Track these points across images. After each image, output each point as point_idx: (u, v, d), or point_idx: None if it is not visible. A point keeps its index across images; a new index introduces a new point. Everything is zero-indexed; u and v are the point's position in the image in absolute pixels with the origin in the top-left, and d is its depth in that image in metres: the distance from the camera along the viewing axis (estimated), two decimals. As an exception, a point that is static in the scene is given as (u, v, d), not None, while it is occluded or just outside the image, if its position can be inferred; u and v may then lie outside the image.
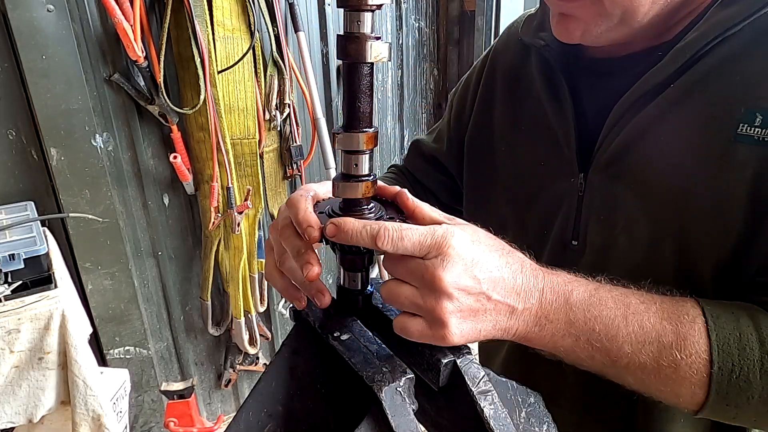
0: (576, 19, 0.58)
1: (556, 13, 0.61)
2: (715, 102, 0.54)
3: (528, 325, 0.49)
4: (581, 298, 0.49)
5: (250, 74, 1.70)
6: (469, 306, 0.46)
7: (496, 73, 0.80)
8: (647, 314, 0.49)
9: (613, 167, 0.62)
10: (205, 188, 1.75)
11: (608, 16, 0.56)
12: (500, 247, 0.49)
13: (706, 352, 0.48)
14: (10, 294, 1.19)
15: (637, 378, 0.50)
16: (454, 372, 0.47)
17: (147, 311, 1.87)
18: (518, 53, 0.77)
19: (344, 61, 0.46)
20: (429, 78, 2.59)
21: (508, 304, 0.47)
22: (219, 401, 2.25)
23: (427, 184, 0.95)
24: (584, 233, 0.66)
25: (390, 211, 0.53)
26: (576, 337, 0.49)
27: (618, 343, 0.49)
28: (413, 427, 0.42)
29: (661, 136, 0.58)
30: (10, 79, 1.44)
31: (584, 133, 0.66)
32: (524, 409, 0.49)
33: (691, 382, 0.48)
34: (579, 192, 0.66)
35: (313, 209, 0.52)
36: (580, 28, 0.58)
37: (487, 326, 0.47)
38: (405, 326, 0.47)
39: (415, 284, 0.46)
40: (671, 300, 0.51)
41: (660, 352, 0.48)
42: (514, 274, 0.48)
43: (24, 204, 1.47)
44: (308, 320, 0.54)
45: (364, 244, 0.46)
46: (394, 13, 2.30)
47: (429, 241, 0.45)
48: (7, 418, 1.18)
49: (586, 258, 0.66)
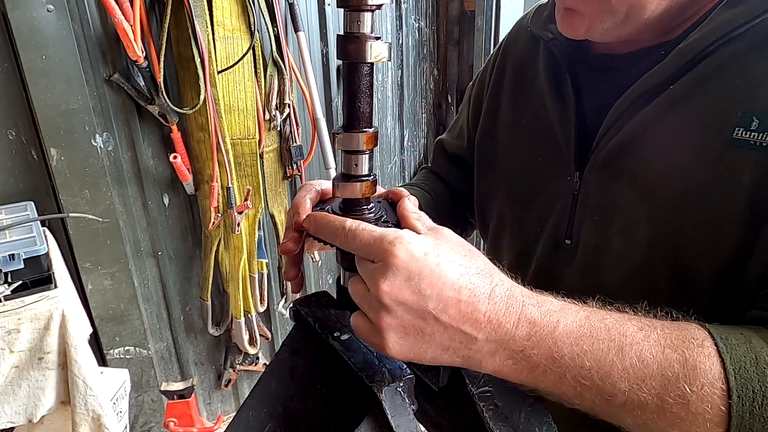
0: (581, 14, 0.58)
1: (561, 7, 0.60)
2: (715, 104, 0.53)
3: (497, 359, 0.42)
4: (568, 331, 0.42)
5: (250, 74, 1.69)
6: (411, 322, 0.41)
7: (506, 66, 0.80)
8: (647, 343, 0.42)
9: (610, 167, 0.61)
10: (205, 188, 1.75)
11: (614, 13, 0.55)
12: (469, 265, 0.43)
13: (721, 380, 0.40)
14: (10, 294, 1.19)
15: (637, 418, 0.42)
16: (454, 372, 0.47)
17: (147, 311, 1.87)
18: (527, 46, 0.76)
19: (344, 61, 0.46)
20: (429, 78, 2.59)
21: (462, 330, 0.41)
22: (219, 401, 2.25)
23: (454, 185, 0.93)
24: (578, 233, 0.65)
25: (392, 211, 0.53)
26: (560, 375, 0.42)
27: (612, 379, 0.42)
28: (413, 427, 0.42)
29: (659, 136, 0.57)
30: (10, 79, 1.44)
31: (583, 131, 0.65)
32: (524, 409, 0.49)
33: (706, 419, 0.41)
34: (574, 191, 0.65)
35: (320, 204, 0.53)
36: (585, 23, 0.58)
37: (436, 350, 0.42)
38: (354, 324, 0.45)
39: (367, 286, 0.43)
40: (673, 324, 0.45)
41: (664, 387, 0.41)
42: (474, 299, 0.41)
43: (24, 204, 1.47)
44: (308, 320, 0.54)
45: (326, 238, 0.47)
46: (394, 13, 2.30)
47: (376, 244, 0.42)
48: (7, 418, 1.18)
49: (578, 258, 0.65)
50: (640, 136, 0.59)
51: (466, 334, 0.41)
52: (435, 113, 2.79)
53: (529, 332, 0.42)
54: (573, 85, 0.66)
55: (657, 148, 0.58)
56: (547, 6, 0.73)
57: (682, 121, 0.56)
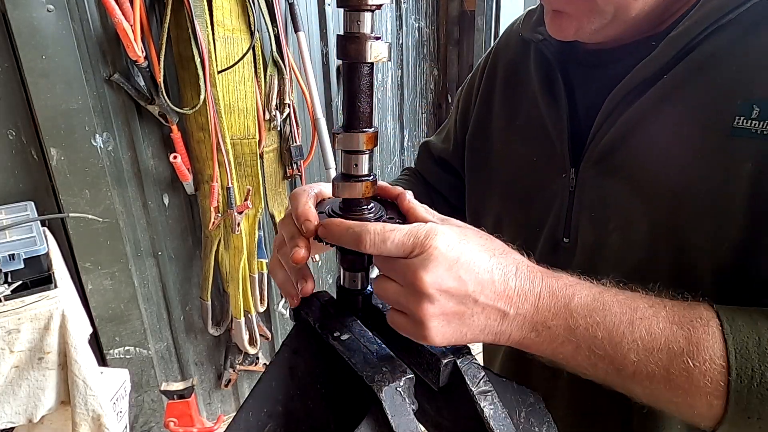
0: (569, 16, 0.58)
1: (549, 10, 0.60)
2: (711, 93, 0.53)
3: (523, 331, 0.46)
4: (583, 303, 0.46)
5: (250, 74, 1.69)
6: (452, 309, 0.44)
7: (497, 71, 0.80)
8: (656, 319, 0.45)
9: (604, 162, 0.61)
10: (205, 188, 1.75)
11: (601, 13, 0.55)
12: (492, 247, 0.47)
13: (722, 358, 0.43)
14: (10, 294, 1.19)
15: (646, 388, 0.46)
16: (454, 372, 0.47)
17: (147, 311, 1.87)
18: (518, 49, 0.77)
19: (344, 61, 0.46)
20: (429, 78, 2.59)
21: (498, 308, 0.45)
22: (219, 401, 2.25)
23: (437, 187, 0.94)
24: (575, 231, 0.65)
25: (391, 212, 0.53)
26: (576, 345, 0.46)
27: (623, 350, 0.45)
28: (413, 427, 0.42)
29: (654, 130, 0.57)
30: (10, 79, 1.44)
31: (577, 128, 0.65)
32: (524, 409, 0.49)
33: (706, 392, 0.44)
34: (570, 188, 0.65)
35: (316, 207, 0.52)
36: (573, 25, 0.58)
37: (474, 330, 0.45)
38: (393, 321, 0.47)
39: (400, 282, 0.45)
40: (682, 304, 0.48)
41: (670, 360, 0.44)
42: (505, 277, 0.45)
43: (24, 204, 1.47)
44: (308, 320, 0.54)
45: (349, 246, 0.46)
46: (394, 13, 2.30)
47: (412, 240, 0.44)
48: (7, 418, 1.18)
49: (577, 257, 0.65)
50: (634, 131, 0.58)
51: (501, 310, 0.45)
52: (435, 113, 2.79)
53: (549, 303, 0.46)
54: (564, 83, 0.66)
55: (652, 141, 0.57)
56: (536, 10, 0.73)
57: (677, 113, 0.55)
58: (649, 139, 0.57)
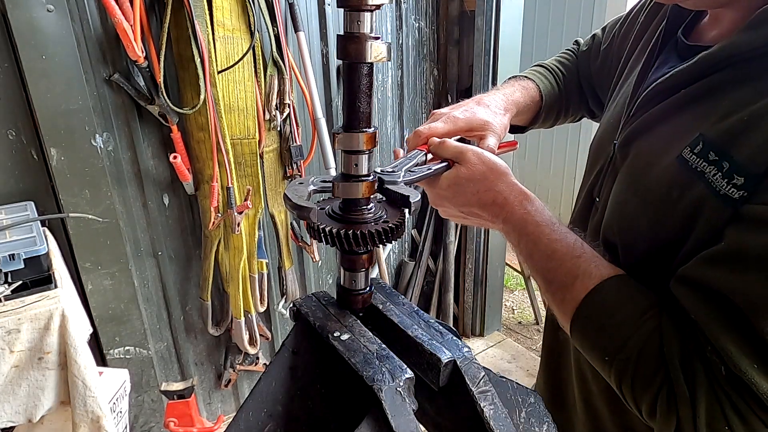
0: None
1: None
2: (698, 118, 0.55)
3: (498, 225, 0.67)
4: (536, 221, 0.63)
5: (250, 74, 1.69)
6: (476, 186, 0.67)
7: (638, 20, 0.81)
8: (567, 251, 0.60)
9: (624, 148, 0.67)
10: (205, 188, 1.75)
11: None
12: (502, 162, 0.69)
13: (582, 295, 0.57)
14: (10, 294, 1.19)
15: (545, 291, 0.63)
16: (454, 372, 0.47)
17: (147, 311, 1.87)
18: (656, 9, 0.77)
19: (344, 61, 0.46)
20: (429, 78, 2.59)
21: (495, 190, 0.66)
22: (219, 401, 2.25)
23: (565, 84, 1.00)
24: (606, 194, 0.70)
25: (392, 211, 0.53)
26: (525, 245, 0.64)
27: (537, 256, 0.63)
28: (413, 427, 0.42)
29: (657, 136, 0.61)
30: (10, 79, 1.44)
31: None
32: (524, 409, 0.49)
33: (563, 312, 0.60)
34: (609, 157, 0.71)
35: (317, 205, 0.52)
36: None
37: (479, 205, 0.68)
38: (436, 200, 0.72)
39: None
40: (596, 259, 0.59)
41: (554, 278, 0.60)
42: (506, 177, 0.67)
43: (24, 204, 1.47)
44: (308, 320, 0.54)
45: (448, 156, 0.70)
46: (394, 13, 2.30)
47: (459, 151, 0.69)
48: (6, 418, 1.18)
49: (598, 215, 0.71)
50: (649, 129, 0.62)
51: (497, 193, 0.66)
52: (435, 113, 2.79)
53: (522, 201, 0.65)
54: (657, 59, 0.68)
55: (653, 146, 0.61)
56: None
57: (676, 126, 0.58)
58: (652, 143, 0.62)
